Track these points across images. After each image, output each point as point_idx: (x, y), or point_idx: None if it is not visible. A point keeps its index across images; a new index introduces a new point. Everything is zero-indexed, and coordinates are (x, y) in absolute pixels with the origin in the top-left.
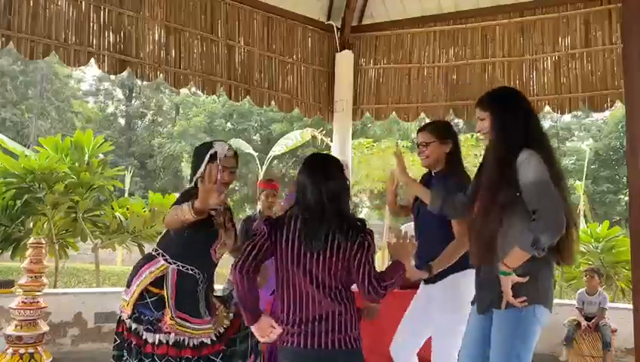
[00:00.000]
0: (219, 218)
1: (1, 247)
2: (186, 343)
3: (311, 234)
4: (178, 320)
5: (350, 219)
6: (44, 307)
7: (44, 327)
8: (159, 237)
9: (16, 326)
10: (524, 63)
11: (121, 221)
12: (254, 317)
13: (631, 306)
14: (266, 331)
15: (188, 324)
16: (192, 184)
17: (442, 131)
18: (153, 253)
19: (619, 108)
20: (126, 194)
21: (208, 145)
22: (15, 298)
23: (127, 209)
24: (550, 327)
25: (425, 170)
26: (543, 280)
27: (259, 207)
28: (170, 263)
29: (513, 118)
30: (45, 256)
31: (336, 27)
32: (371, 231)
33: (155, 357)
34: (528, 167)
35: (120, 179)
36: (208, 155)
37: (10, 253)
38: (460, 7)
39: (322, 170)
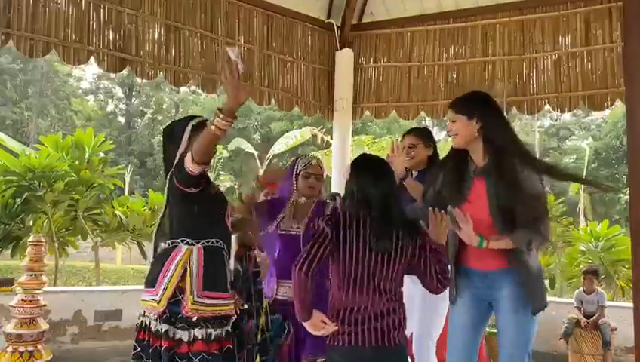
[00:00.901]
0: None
1: (1, 245)
2: (212, 336)
3: (379, 235)
4: (203, 300)
5: (409, 220)
6: (43, 305)
7: (43, 325)
8: (161, 230)
9: (15, 324)
10: (524, 62)
11: (121, 219)
12: (309, 314)
13: (631, 305)
14: (318, 326)
15: (214, 301)
16: (178, 159)
17: (426, 135)
18: (169, 246)
19: (619, 107)
20: (126, 193)
21: (187, 119)
22: (15, 296)
23: (127, 207)
24: (550, 326)
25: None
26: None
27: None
28: (192, 244)
29: (499, 122)
30: (45, 254)
31: (336, 25)
32: (426, 231)
33: (191, 355)
34: (533, 176)
35: (120, 177)
36: (190, 126)
37: (10, 251)
38: (460, 5)
39: (380, 172)
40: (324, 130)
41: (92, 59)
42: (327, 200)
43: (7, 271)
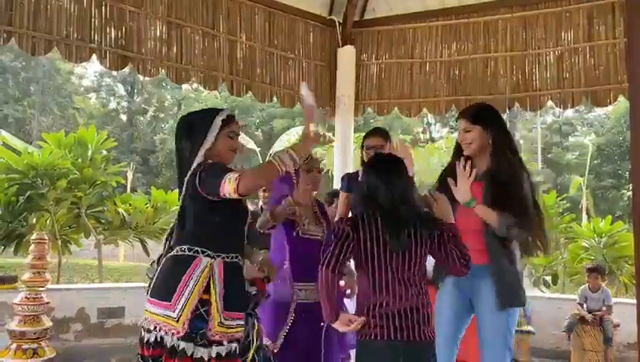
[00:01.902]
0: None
1: (4, 243)
2: (237, 351)
3: (391, 235)
4: (226, 321)
5: (424, 214)
6: (47, 302)
7: (47, 323)
8: (176, 234)
9: (19, 321)
10: (527, 58)
11: (123, 217)
12: (337, 313)
13: (633, 301)
14: (345, 324)
15: (237, 322)
16: (201, 158)
17: (388, 137)
18: (188, 253)
19: (621, 103)
20: (128, 191)
21: (211, 111)
22: (18, 294)
23: (130, 205)
24: (553, 322)
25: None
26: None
27: (260, 202)
28: (214, 257)
29: (506, 133)
30: (48, 252)
31: (338, 22)
32: (441, 219)
33: None
34: (527, 183)
35: (122, 175)
36: (219, 121)
37: (13, 249)
38: (463, 1)
39: (392, 171)
40: (326, 126)
41: (94, 56)
42: (328, 197)
43: (11, 269)
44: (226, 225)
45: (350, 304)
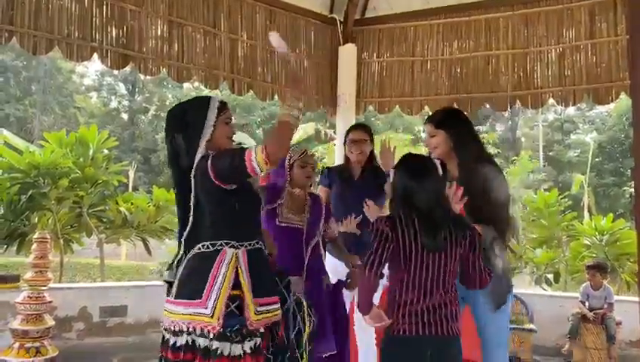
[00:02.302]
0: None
1: (6, 242)
2: (257, 346)
3: (430, 235)
4: (261, 308)
5: (458, 216)
6: (49, 301)
7: (49, 322)
8: (193, 233)
9: (22, 320)
10: (529, 56)
11: (125, 216)
12: (370, 308)
13: (636, 298)
14: (375, 320)
15: (273, 306)
16: (204, 150)
17: (371, 133)
18: (212, 248)
19: (623, 101)
20: (130, 189)
21: (202, 100)
22: (21, 293)
23: (132, 204)
24: (555, 319)
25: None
26: None
27: None
28: (237, 247)
29: (471, 136)
30: (50, 251)
31: (339, 20)
32: (475, 227)
33: None
34: (503, 181)
35: (124, 174)
36: (215, 108)
37: (15, 248)
38: None
39: (424, 172)
40: (327, 125)
41: (95, 55)
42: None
43: (13, 268)
44: (244, 212)
45: (348, 294)
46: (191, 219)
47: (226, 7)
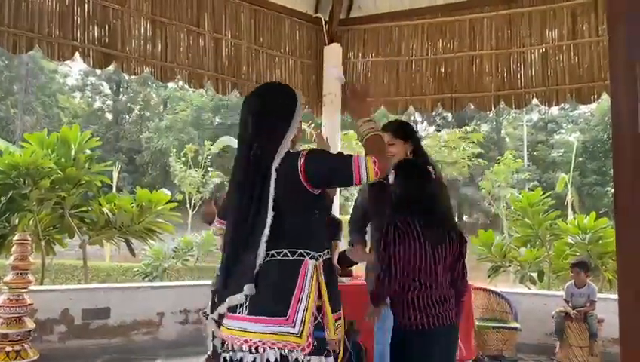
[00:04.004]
0: None
1: None
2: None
3: (431, 228)
4: (336, 323)
5: (453, 221)
6: (30, 304)
7: (30, 324)
8: (273, 238)
9: (1, 323)
10: (512, 56)
11: (108, 217)
12: (384, 302)
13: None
14: (379, 314)
15: (339, 322)
16: (288, 146)
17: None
18: (291, 257)
19: (605, 101)
20: (114, 190)
21: (291, 93)
22: (0, 295)
23: (115, 204)
24: (539, 318)
25: None
26: None
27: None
28: (317, 259)
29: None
30: (31, 252)
31: (324, 20)
32: (463, 234)
33: None
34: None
35: (108, 174)
36: (300, 107)
37: None
38: None
39: (424, 177)
40: (313, 125)
41: (77, 55)
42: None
43: None
44: (322, 221)
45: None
46: (269, 222)
47: (210, 7)
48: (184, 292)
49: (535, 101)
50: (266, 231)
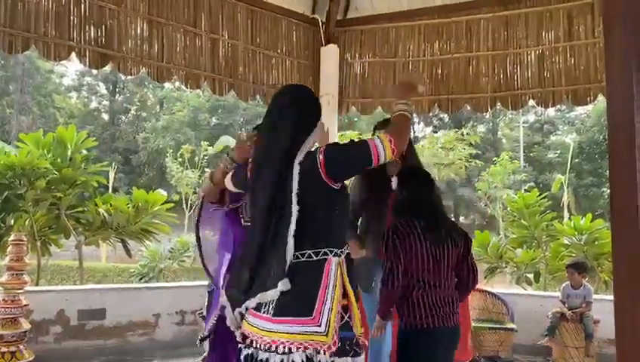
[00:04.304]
0: None
1: None
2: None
3: (433, 230)
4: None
5: (454, 223)
6: (25, 305)
7: (25, 325)
8: (301, 238)
9: None
10: (509, 57)
11: (104, 217)
12: (390, 315)
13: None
14: (380, 329)
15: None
16: (310, 146)
17: None
18: (315, 257)
19: (602, 102)
20: (110, 190)
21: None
22: None
23: (111, 205)
24: (536, 319)
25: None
26: None
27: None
28: (339, 255)
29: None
30: (27, 253)
31: (321, 21)
32: (467, 234)
33: None
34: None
35: (104, 175)
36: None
37: None
38: (445, 0)
39: (426, 181)
40: None
41: (73, 55)
42: None
43: None
44: (342, 217)
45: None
46: (294, 217)
47: (207, 7)
48: (180, 293)
49: (531, 102)
50: (292, 227)
